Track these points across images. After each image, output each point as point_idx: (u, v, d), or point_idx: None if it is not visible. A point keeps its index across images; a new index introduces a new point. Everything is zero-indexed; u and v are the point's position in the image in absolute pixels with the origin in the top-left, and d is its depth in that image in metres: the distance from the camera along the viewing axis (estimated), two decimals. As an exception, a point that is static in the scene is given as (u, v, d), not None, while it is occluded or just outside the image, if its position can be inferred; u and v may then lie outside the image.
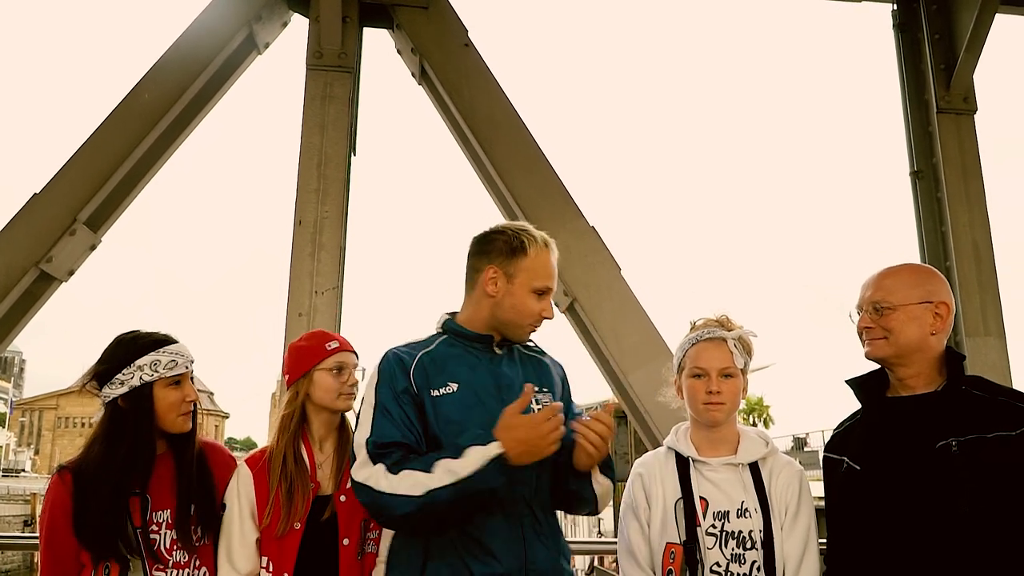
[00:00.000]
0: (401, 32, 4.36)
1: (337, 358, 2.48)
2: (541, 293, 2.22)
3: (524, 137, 4.25)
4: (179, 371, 2.32)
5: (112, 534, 2.16)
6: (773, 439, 2.34)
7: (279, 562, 2.31)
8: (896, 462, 2.05)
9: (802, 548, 2.23)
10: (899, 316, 2.10)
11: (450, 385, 2.18)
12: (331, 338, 2.53)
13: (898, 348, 2.10)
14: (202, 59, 4.16)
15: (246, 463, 2.44)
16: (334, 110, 4.13)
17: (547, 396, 2.25)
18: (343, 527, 2.35)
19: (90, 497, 2.18)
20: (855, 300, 2.25)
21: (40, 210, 3.89)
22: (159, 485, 2.30)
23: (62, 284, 4.03)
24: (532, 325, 2.25)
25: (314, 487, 2.38)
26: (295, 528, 2.32)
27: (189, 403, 2.35)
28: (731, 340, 2.35)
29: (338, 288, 3.92)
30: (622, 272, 4.12)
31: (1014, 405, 1.99)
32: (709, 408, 2.30)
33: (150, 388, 2.28)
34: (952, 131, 4.65)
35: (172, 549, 2.26)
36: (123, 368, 2.28)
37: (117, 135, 4.00)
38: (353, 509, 2.34)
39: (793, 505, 2.27)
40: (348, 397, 2.47)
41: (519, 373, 2.26)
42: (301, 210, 3.99)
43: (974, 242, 4.50)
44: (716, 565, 2.18)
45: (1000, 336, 4.39)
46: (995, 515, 1.89)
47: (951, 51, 4.69)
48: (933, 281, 2.15)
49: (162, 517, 2.28)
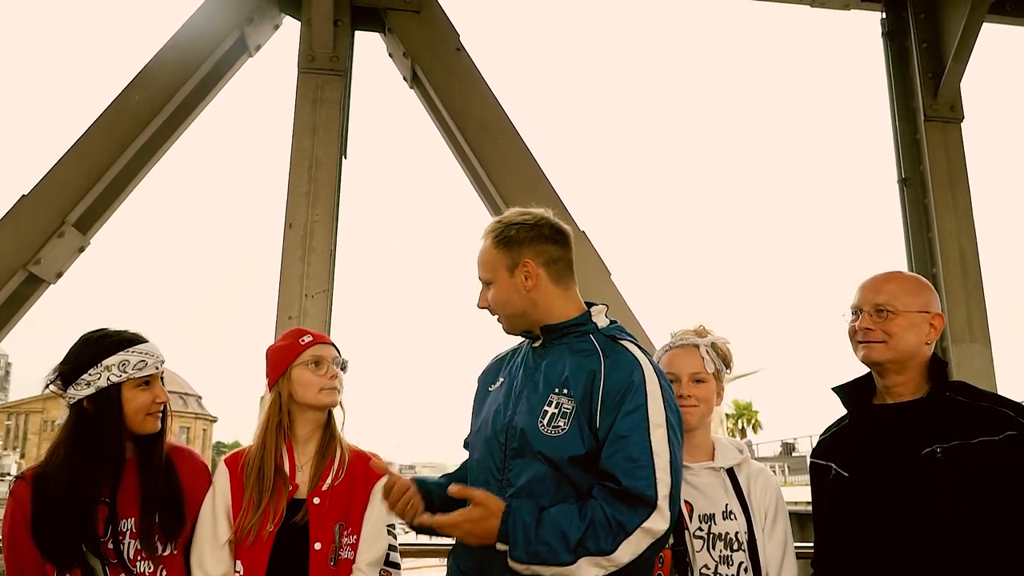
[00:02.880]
0: (393, 36, 4.37)
1: (313, 351, 2.40)
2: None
3: (515, 141, 4.26)
4: (149, 372, 2.23)
5: (74, 544, 2.08)
6: (758, 444, 2.38)
7: (251, 566, 2.24)
8: (883, 469, 2.06)
9: (782, 551, 2.28)
10: (901, 322, 2.11)
11: (500, 379, 2.22)
12: (305, 333, 2.45)
13: (896, 353, 2.11)
14: (193, 61, 4.16)
15: (225, 462, 2.39)
16: (325, 113, 4.13)
17: (565, 398, 2.01)
18: (314, 531, 2.27)
19: (51, 506, 2.09)
20: (848, 302, 2.24)
21: (28, 211, 3.87)
22: (125, 492, 2.21)
23: (50, 286, 4.01)
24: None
25: (292, 489, 2.32)
26: (268, 532, 2.25)
27: (159, 404, 2.26)
28: (703, 346, 2.42)
29: (328, 291, 3.91)
30: (612, 277, 4.14)
31: (996, 411, 2.00)
32: (683, 411, 2.31)
33: (118, 389, 2.19)
34: (939, 139, 4.69)
35: (135, 560, 2.17)
36: (89, 368, 2.18)
37: (107, 137, 3.99)
38: (326, 513, 2.29)
39: (771, 510, 2.33)
40: (330, 391, 2.39)
41: (549, 369, 2.11)
42: (291, 213, 3.98)
43: (960, 249, 4.55)
44: (705, 568, 2.21)
45: (985, 342, 4.43)
46: (979, 520, 1.90)
47: (939, 59, 4.73)
48: (930, 292, 2.18)
49: (127, 526, 2.18)
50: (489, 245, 2.15)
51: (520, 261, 2.09)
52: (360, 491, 2.38)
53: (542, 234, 2.13)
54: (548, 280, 2.11)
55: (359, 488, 2.39)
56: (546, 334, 2.13)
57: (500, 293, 2.12)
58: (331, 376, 2.40)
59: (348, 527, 2.33)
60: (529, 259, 2.09)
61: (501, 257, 2.11)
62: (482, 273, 2.16)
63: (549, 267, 2.11)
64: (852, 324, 2.19)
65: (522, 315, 2.13)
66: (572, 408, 1.98)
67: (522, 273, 2.09)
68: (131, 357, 2.22)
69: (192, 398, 69.54)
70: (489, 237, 2.15)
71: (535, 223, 2.14)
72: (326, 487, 2.34)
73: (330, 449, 2.41)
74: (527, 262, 2.09)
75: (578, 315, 2.13)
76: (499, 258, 2.12)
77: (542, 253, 2.11)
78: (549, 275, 2.11)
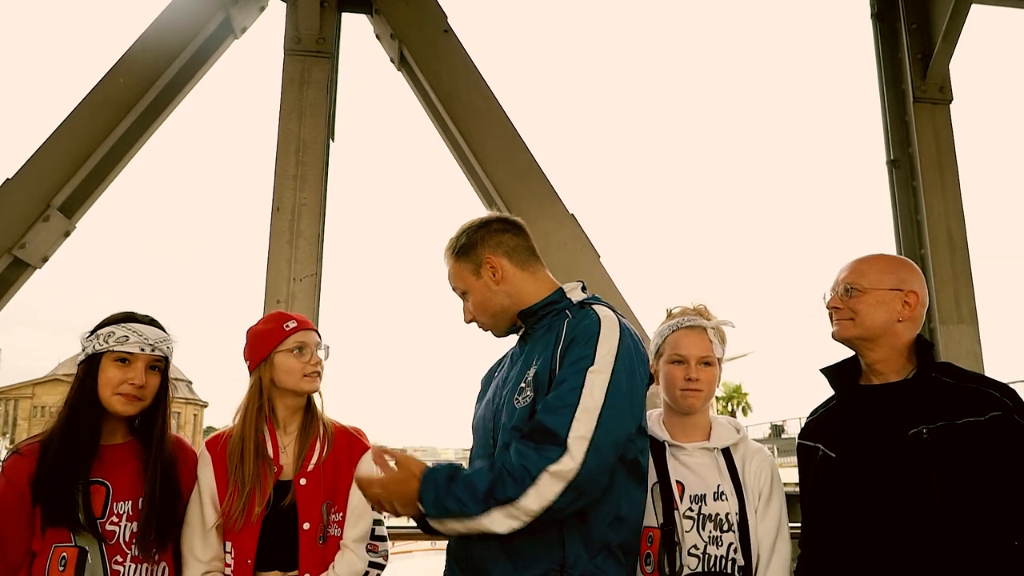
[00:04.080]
0: (380, 17, 4.33)
1: (297, 338, 2.40)
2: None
3: (504, 124, 4.23)
4: (128, 348, 2.21)
5: (69, 495, 2.11)
6: (748, 426, 2.38)
7: (241, 548, 2.26)
8: (870, 449, 2.08)
9: (775, 532, 2.27)
10: (867, 299, 2.15)
11: (495, 376, 2.28)
12: (288, 318, 2.45)
13: (863, 330, 2.15)
14: (178, 43, 4.11)
15: (206, 445, 2.39)
16: (312, 96, 4.09)
17: (535, 370, 2.03)
18: (303, 511, 2.30)
19: (50, 460, 2.14)
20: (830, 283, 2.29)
21: (13, 196, 3.83)
22: (122, 475, 2.23)
23: (36, 271, 3.99)
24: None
25: (277, 471, 2.33)
26: (256, 514, 2.27)
27: (132, 386, 2.21)
28: (710, 329, 2.39)
29: (316, 275, 3.90)
30: (601, 259, 4.14)
31: (982, 391, 2.02)
32: (687, 395, 2.33)
33: (98, 360, 2.22)
34: (928, 120, 4.69)
35: (131, 542, 2.18)
36: (91, 335, 2.25)
37: (92, 120, 3.95)
38: (313, 493, 2.31)
39: (766, 490, 2.32)
40: (313, 378, 2.40)
41: (525, 352, 2.15)
42: (279, 197, 3.96)
43: (948, 231, 4.56)
44: (694, 548, 2.21)
45: (973, 323, 4.45)
46: (965, 501, 1.92)
47: (928, 41, 4.73)
48: (907, 271, 2.20)
49: (123, 509, 2.20)
50: (452, 261, 2.23)
51: (481, 260, 2.17)
52: (345, 469, 2.41)
53: (493, 229, 2.21)
54: (513, 268, 2.17)
55: (343, 466, 2.41)
56: (525, 319, 2.17)
57: (475, 296, 2.18)
58: (315, 363, 2.41)
59: (335, 505, 2.36)
60: (488, 255, 2.17)
61: (464, 265, 2.19)
62: (456, 287, 2.24)
63: (511, 256, 2.18)
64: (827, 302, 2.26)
65: (502, 311, 2.18)
66: (532, 374, 2.02)
67: (487, 270, 2.16)
68: (118, 330, 2.23)
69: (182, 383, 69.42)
70: (449, 254, 2.24)
71: (483, 222, 2.23)
72: (311, 467, 2.35)
73: (312, 429, 2.42)
74: (488, 258, 2.16)
75: (550, 293, 2.17)
76: (463, 267, 2.20)
77: (499, 245, 2.18)
78: (513, 263, 2.17)
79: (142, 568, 2.20)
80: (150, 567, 2.21)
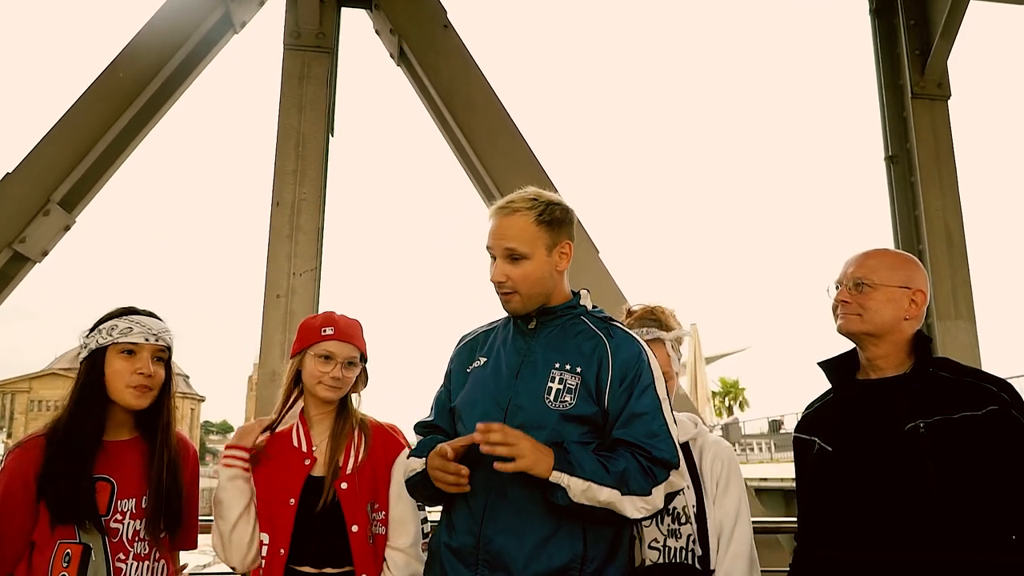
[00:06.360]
0: (380, 12, 4.34)
1: (326, 346, 2.35)
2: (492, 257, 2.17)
3: (502, 118, 4.25)
4: (133, 339, 2.21)
5: (76, 487, 2.10)
6: (745, 421, 2.39)
7: (275, 537, 2.28)
8: (867, 443, 2.08)
9: (734, 516, 2.31)
10: (878, 296, 2.14)
11: (479, 359, 2.22)
12: (331, 323, 2.40)
13: (871, 326, 2.15)
14: (178, 37, 4.12)
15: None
16: (312, 90, 4.10)
17: (568, 374, 2.06)
18: (348, 514, 2.30)
19: (57, 454, 2.13)
20: (834, 278, 2.27)
21: (13, 190, 3.85)
22: (126, 472, 2.22)
23: (36, 265, 3.99)
24: (499, 293, 2.17)
25: (310, 463, 2.34)
26: (289, 504, 2.28)
27: (141, 376, 2.20)
28: (668, 342, 2.42)
29: (316, 269, 3.91)
30: (600, 255, 4.15)
31: (979, 386, 2.02)
32: None
33: (103, 354, 2.22)
34: (926, 116, 4.71)
35: (134, 540, 2.18)
36: (91, 332, 2.25)
37: (92, 114, 3.96)
38: (356, 495, 2.32)
39: (724, 478, 2.35)
40: (329, 388, 2.35)
41: (544, 349, 2.13)
42: (279, 191, 3.97)
43: (946, 226, 4.58)
44: (655, 541, 2.26)
45: (970, 319, 4.47)
46: (962, 495, 1.92)
47: (926, 37, 4.74)
48: (914, 268, 2.20)
49: (127, 506, 2.19)
50: (530, 222, 2.10)
51: (560, 242, 2.13)
52: (382, 467, 2.41)
53: (572, 219, 2.20)
54: (567, 265, 2.17)
55: (380, 465, 2.41)
56: (541, 316, 2.16)
57: (535, 270, 2.10)
58: (334, 376, 2.35)
59: (376, 503, 2.37)
60: (568, 240, 2.15)
61: (543, 235, 2.10)
62: (517, 246, 2.09)
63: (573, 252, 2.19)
64: (834, 298, 2.24)
65: (543, 294, 2.13)
66: (577, 383, 2.05)
67: (559, 254, 2.13)
68: (120, 323, 2.23)
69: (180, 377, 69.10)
70: (529, 213, 2.11)
71: (568, 208, 2.20)
72: (350, 470, 2.35)
73: (345, 432, 2.40)
74: (567, 244, 2.15)
75: (572, 299, 2.20)
76: (541, 236, 2.10)
77: (574, 238, 2.19)
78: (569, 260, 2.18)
79: (144, 566, 2.20)
80: (151, 565, 2.22)
